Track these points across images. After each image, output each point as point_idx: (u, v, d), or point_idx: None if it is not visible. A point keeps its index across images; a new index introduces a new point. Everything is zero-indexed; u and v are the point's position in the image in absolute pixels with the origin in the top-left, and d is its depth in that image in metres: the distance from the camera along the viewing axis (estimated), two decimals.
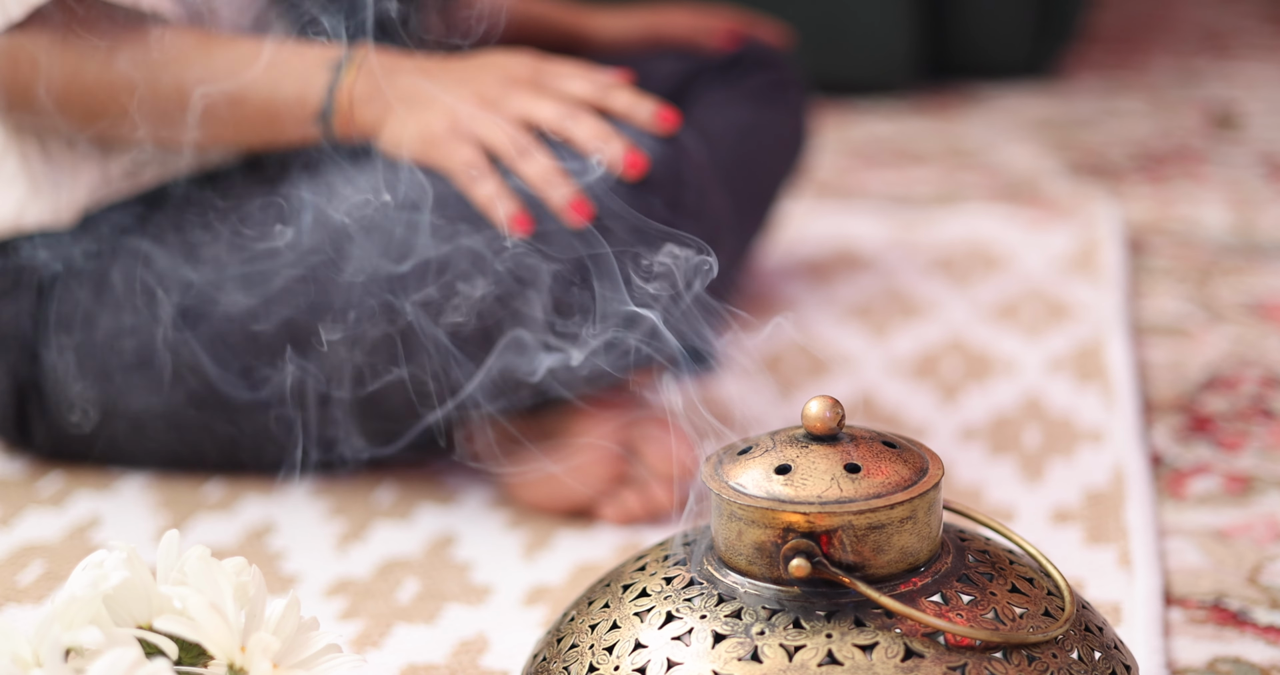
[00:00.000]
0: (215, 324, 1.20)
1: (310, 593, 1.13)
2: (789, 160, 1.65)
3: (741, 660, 0.78)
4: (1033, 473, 1.28)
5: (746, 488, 0.81)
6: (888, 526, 0.79)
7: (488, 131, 1.15)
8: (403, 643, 1.06)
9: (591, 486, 1.21)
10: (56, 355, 1.25)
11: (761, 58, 1.63)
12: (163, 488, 1.29)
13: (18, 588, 1.14)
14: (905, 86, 2.58)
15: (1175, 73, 2.70)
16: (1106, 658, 0.82)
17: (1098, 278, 1.72)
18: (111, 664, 0.71)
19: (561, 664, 0.83)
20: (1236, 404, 1.39)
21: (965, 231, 1.90)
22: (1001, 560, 0.84)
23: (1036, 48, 2.62)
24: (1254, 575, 1.11)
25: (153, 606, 0.77)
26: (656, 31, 1.64)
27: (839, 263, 1.81)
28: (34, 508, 1.26)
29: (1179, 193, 2.03)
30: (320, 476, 1.30)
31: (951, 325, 1.62)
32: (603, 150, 1.15)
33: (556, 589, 1.13)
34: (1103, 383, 1.44)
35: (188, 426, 1.26)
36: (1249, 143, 2.26)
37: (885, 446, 0.82)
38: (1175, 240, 1.85)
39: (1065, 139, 2.32)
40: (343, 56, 1.17)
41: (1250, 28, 3.04)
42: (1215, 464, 1.28)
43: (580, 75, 1.20)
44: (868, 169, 2.21)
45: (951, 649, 0.77)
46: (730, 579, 0.82)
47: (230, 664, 0.75)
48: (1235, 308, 1.63)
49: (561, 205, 1.13)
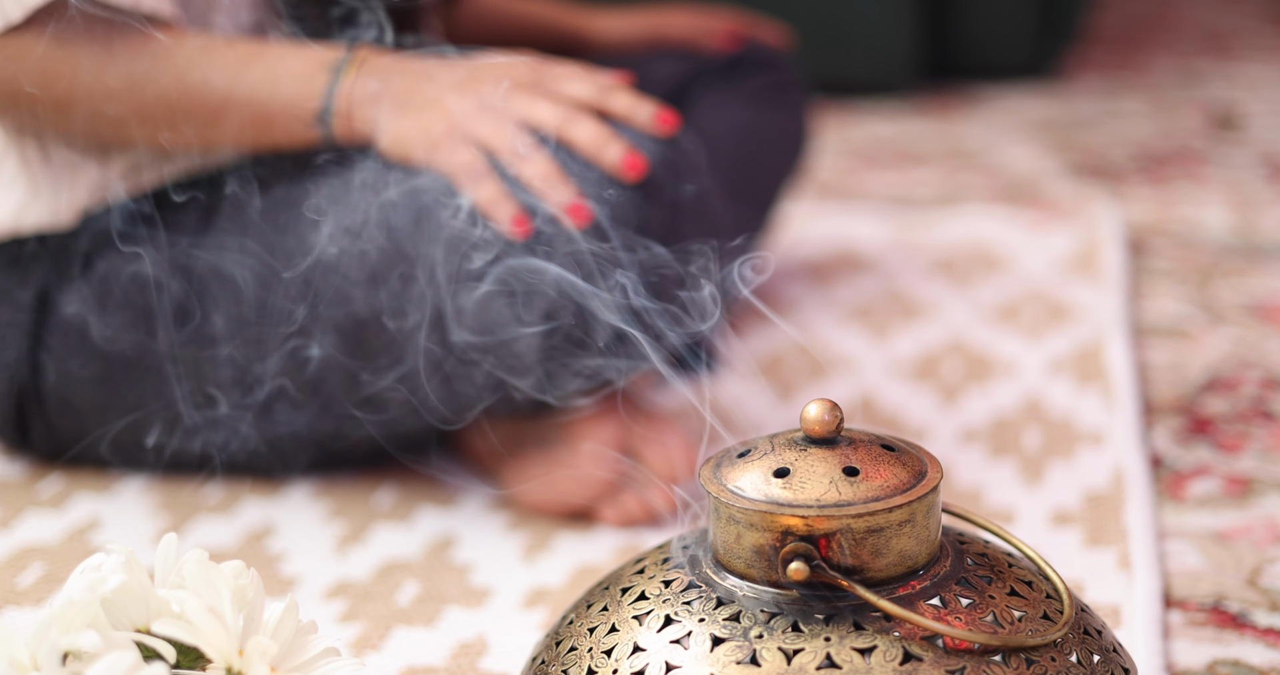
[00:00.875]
0: (214, 325, 1.21)
1: (309, 595, 1.13)
2: (789, 161, 1.65)
3: (740, 664, 0.78)
4: (1032, 475, 1.28)
5: (745, 491, 0.81)
6: (886, 530, 0.79)
7: (487, 133, 1.15)
8: (402, 645, 1.06)
9: (591, 489, 1.21)
10: (56, 357, 1.25)
11: (762, 59, 1.63)
12: (162, 490, 1.29)
13: (17, 590, 1.14)
14: (906, 87, 2.58)
15: (1176, 74, 2.70)
16: (1105, 661, 0.82)
17: (1098, 279, 1.72)
18: (109, 667, 0.71)
19: (560, 667, 0.83)
20: (1237, 406, 1.39)
21: (966, 233, 1.89)
22: (1000, 563, 0.84)
23: (1037, 49, 2.62)
24: (1254, 577, 1.11)
25: (151, 610, 0.77)
26: (657, 33, 1.64)
27: (839, 264, 1.81)
28: (33, 510, 1.26)
29: (1180, 194, 2.03)
30: (320, 479, 1.30)
31: (952, 327, 1.62)
32: (603, 152, 1.15)
33: (556, 591, 1.13)
34: (1103, 384, 1.44)
35: (189, 429, 1.26)
36: (1250, 144, 2.26)
37: (884, 449, 0.82)
38: (1176, 242, 1.85)
39: (1066, 140, 2.31)
40: (342, 59, 1.17)
41: (1252, 28, 3.04)
42: (1215, 466, 1.28)
43: (580, 77, 1.20)
44: (868, 170, 2.21)
45: (950, 652, 0.77)
46: (729, 582, 0.82)
47: (228, 668, 0.75)
48: (1236, 309, 1.63)
49: (561, 207, 1.13)
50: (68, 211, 1.23)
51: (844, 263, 1.82)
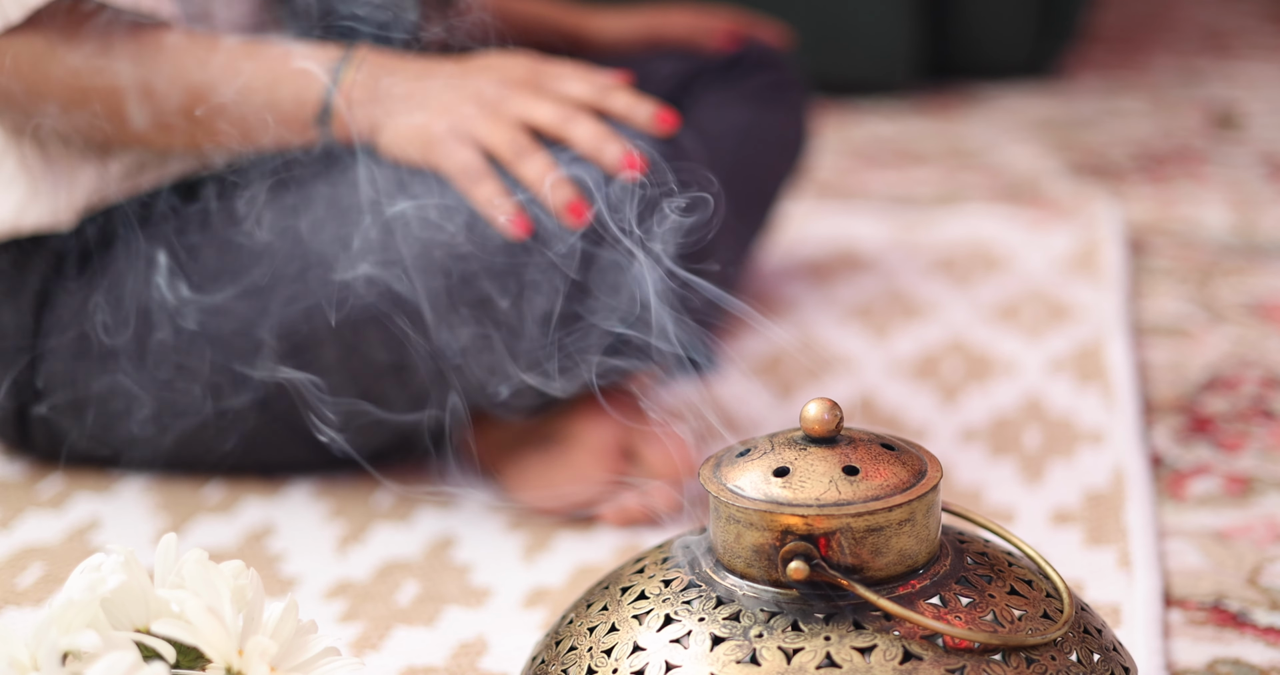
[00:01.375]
0: (215, 325, 1.20)
1: (309, 595, 1.13)
2: (789, 161, 1.65)
3: (740, 663, 0.78)
4: (1032, 474, 1.28)
5: (745, 490, 0.81)
6: (886, 529, 0.79)
7: (486, 133, 1.15)
8: (402, 645, 1.06)
9: (591, 488, 1.21)
10: (56, 357, 1.25)
11: (762, 58, 1.63)
12: (162, 490, 1.29)
13: (17, 590, 1.14)
14: (906, 87, 2.58)
15: (1176, 73, 2.70)
16: (1105, 660, 0.81)
17: (1098, 278, 1.72)
18: (109, 668, 0.71)
19: (560, 666, 0.83)
20: (1237, 405, 1.39)
21: (966, 232, 1.89)
22: (1000, 562, 0.84)
23: (1037, 48, 2.62)
24: (1254, 576, 1.11)
25: (150, 610, 0.77)
26: (656, 32, 1.64)
27: (839, 263, 1.81)
28: (33, 510, 1.26)
29: (1180, 193, 2.03)
30: (320, 479, 1.30)
31: (952, 326, 1.62)
32: (601, 151, 1.15)
33: (556, 591, 1.12)
34: (1103, 383, 1.44)
35: (188, 428, 1.26)
36: (1250, 143, 2.26)
37: (884, 449, 0.82)
38: (1176, 241, 1.85)
39: (1066, 139, 2.31)
40: (341, 58, 1.17)
41: (1252, 27, 3.04)
42: (1215, 465, 1.28)
43: (579, 77, 1.20)
44: (868, 169, 2.20)
45: (950, 651, 0.77)
46: (728, 581, 0.82)
47: (228, 667, 0.75)
48: (1236, 308, 1.63)
49: (560, 207, 1.13)
50: (67, 211, 1.23)
51: (844, 262, 1.82)
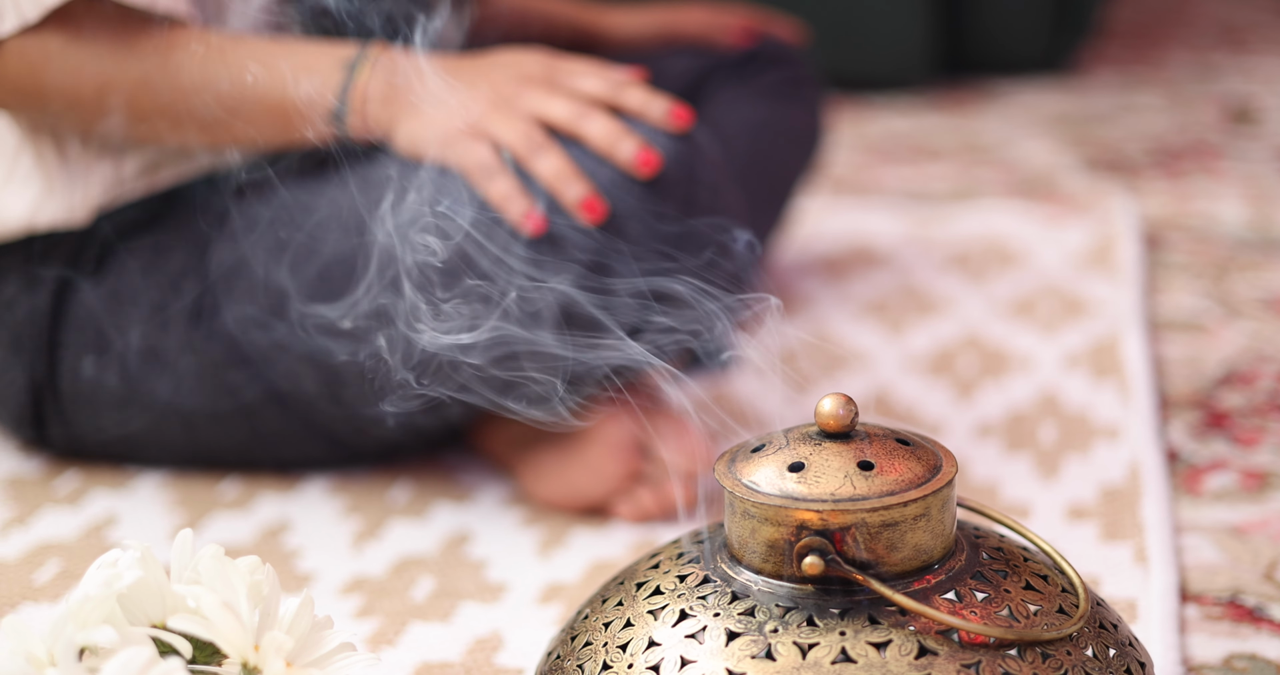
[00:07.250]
0: (231, 321, 1.21)
1: (325, 591, 1.13)
2: (804, 157, 1.65)
3: (755, 658, 0.78)
4: (1048, 469, 1.28)
5: (760, 485, 0.81)
6: (901, 524, 0.79)
7: (501, 130, 1.15)
8: (418, 641, 1.06)
9: (606, 484, 1.21)
10: (72, 354, 1.25)
11: (777, 54, 1.63)
12: (179, 486, 1.30)
13: (34, 586, 1.14)
14: (921, 82, 2.58)
15: (1192, 68, 2.69)
16: (1121, 655, 0.81)
17: (1114, 273, 1.71)
18: (125, 663, 0.71)
19: (575, 661, 0.83)
20: (1253, 399, 1.39)
21: (981, 227, 1.89)
22: (1016, 557, 0.84)
23: (1053, 43, 2.62)
24: (1270, 571, 1.11)
25: (167, 605, 0.77)
26: (671, 29, 1.64)
27: (855, 259, 1.81)
28: (50, 506, 1.27)
29: (1196, 188, 2.02)
30: (336, 475, 1.30)
31: (967, 321, 1.62)
32: (616, 148, 1.15)
33: (571, 586, 1.13)
34: (1119, 379, 1.44)
35: (204, 424, 1.26)
36: (1266, 138, 2.26)
37: (899, 444, 0.82)
38: (1192, 236, 1.84)
39: (1082, 134, 2.31)
40: (357, 55, 1.17)
41: (1267, 22, 3.03)
42: (1232, 460, 1.28)
43: (593, 73, 1.20)
44: (884, 165, 2.20)
45: (965, 647, 0.77)
46: (744, 577, 0.82)
47: (244, 663, 0.75)
48: (1252, 303, 1.62)
49: (575, 204, 1.13)
50: (83, 209, 1.23)
51: (859, 258, 1.82)
